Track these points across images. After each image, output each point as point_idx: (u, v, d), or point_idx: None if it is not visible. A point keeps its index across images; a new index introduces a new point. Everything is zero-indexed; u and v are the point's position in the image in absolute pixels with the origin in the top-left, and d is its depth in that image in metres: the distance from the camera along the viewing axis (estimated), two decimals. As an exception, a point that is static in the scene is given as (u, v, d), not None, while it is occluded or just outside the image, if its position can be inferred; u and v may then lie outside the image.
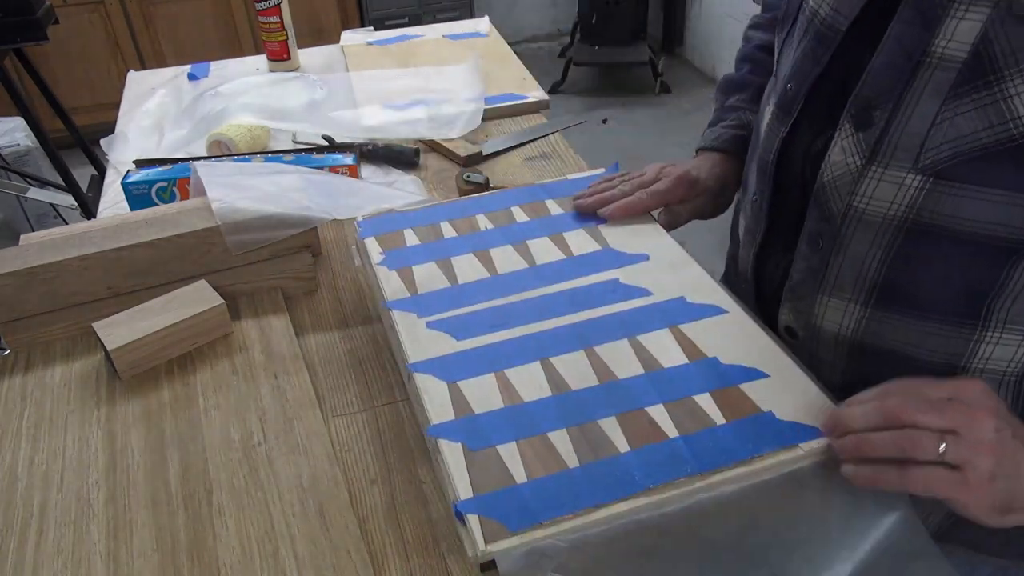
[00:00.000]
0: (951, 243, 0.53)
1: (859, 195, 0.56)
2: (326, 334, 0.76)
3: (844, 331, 0.61)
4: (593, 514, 0.50)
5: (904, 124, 0.52)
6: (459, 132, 1.14)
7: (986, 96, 0.48)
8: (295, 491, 0.59)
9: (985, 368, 0.56)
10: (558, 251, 0.74)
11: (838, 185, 0.57)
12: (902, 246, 0.55)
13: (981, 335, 0.55)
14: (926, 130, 0.51)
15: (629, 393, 0.58)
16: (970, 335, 0.55)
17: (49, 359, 0.73)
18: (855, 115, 0.55)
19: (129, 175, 0.95)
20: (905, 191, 0.53)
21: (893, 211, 0.54)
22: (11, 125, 2.60)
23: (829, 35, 0.58)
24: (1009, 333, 0.55)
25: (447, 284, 0.70)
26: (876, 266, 0.57)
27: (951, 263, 0.54)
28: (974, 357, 0.56)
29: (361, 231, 0.78)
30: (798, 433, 0.55)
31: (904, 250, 0.55)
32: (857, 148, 0.55)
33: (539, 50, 3.99)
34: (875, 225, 0.56)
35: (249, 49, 3.18)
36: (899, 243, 0.55)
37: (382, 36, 1.51)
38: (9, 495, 0.60)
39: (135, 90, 1.37)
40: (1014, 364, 0.56)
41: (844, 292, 0.60)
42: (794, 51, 0.63)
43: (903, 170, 0.53)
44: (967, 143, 0.49)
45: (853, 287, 0.59)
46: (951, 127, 0.50)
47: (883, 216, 0.55)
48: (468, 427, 0.56)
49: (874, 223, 0.56)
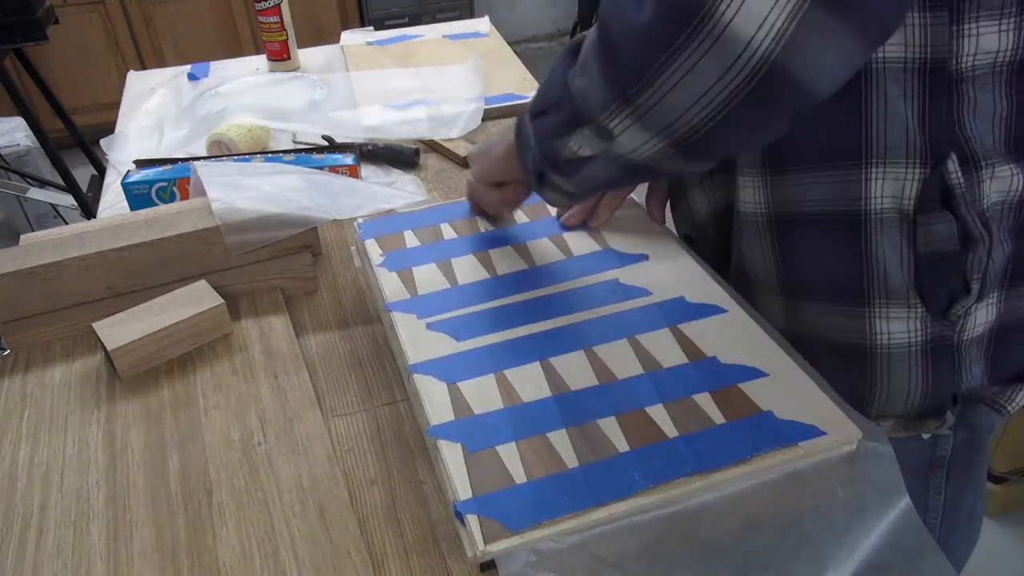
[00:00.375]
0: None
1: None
2: (326, 334, 0.76)
3: (761, 209, 0.66)
4: (593, 514, 0.50)
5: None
6: (459, 132, 1.14)
7: None
8: (295, 491, 0.59)
9: (884, 208, 0.60)
10: (558, 252, 0.74)
11: None
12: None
13: (868, 172, 0.59)
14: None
15: (629, 393, 0.58)
16: (859, 175, 0.60)
17: (49, 359, 0.73)
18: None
19: (129, 175, 0.95)
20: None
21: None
22: (11, 125, 2.60)
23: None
24: (892, 166, 0.59)
25: (447, 285, 0.70)
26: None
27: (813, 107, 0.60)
28: (871, 198, 0.60)
29: (361, 232, 0.78)
30: (798, 432, 0.55)
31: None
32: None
33: (539, 50, 3.99)
34: None
35: (249, 49, 3.18)
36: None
37: (382, 36, 1.51)
38: (9, 495, 0.60)
39: (135, 90, 1.37)
40: (907, 201, 0.59)
41: (747, 166, 0.65)
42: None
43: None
44: None
45: (751, 159, 0.64)
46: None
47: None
48: (468, 427, 0.56)
49: None
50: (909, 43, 0.54)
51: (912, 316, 0.62)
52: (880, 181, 0.59)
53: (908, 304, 0.62)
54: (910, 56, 0.55)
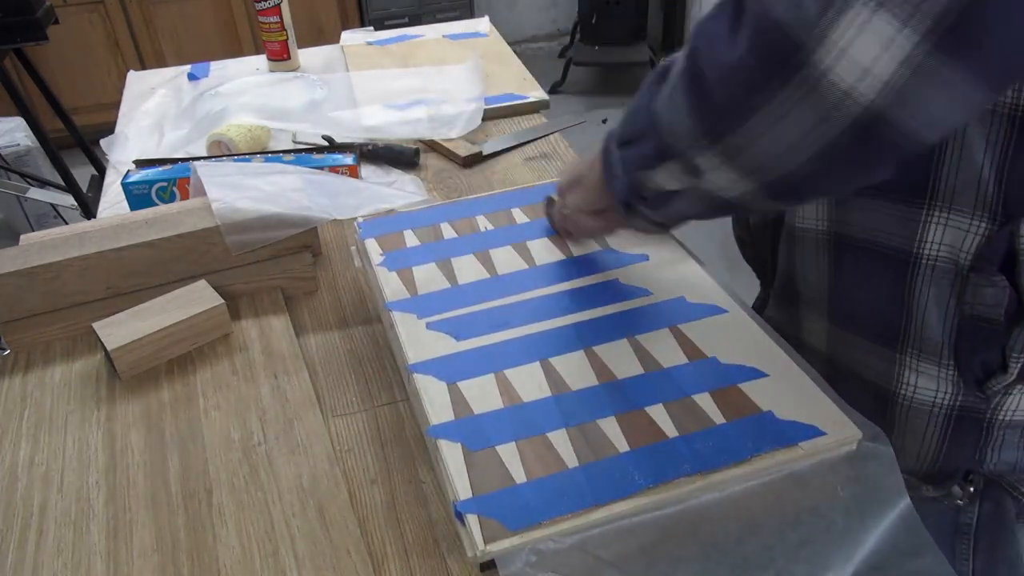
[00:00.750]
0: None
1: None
2: (326, 334, 0.76)
3: (822, 226, 0.63)
4: (593, 514, 0.50)
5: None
6: (459, 132, 1.14)
7: None
8: (295, 491, 0.59)
9: (938, 255, 0.56)
10: (558, 252, 0.74)
11: None
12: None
13: (929, 214, 0.55)
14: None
15: (629, 393, 0.58)
16: (919, 214, 0.56)
17: (49, 359, 0.73)
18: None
19: (129, 175, 0.95)
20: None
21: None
22: (11, 125, 2.60)
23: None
24: (956, 214, 0.54)
25: (447, 285, 0.70)
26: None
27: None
28: (926, 242, 0.56)
29: (361, 232, 0.78)
30: (798, 432, 0.55)
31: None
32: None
33: (539, 50, 3.99)
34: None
35: (249, 49, 3.18)
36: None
37: (382, 36, 1.51)
38: (9, 495, 0.60)
39: (135, 90, 1.37)
40: (964, 254, 0.55)
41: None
42: None
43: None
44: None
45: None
46: None
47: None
48: (468, 427, 0.56)
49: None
50: None
51: (943, 376, 0.59)
52: (940, 227, 0.55)
53: (940, 363, 0.59)
54: (1000, 100, 0.49)
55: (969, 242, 0.54)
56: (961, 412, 0.60)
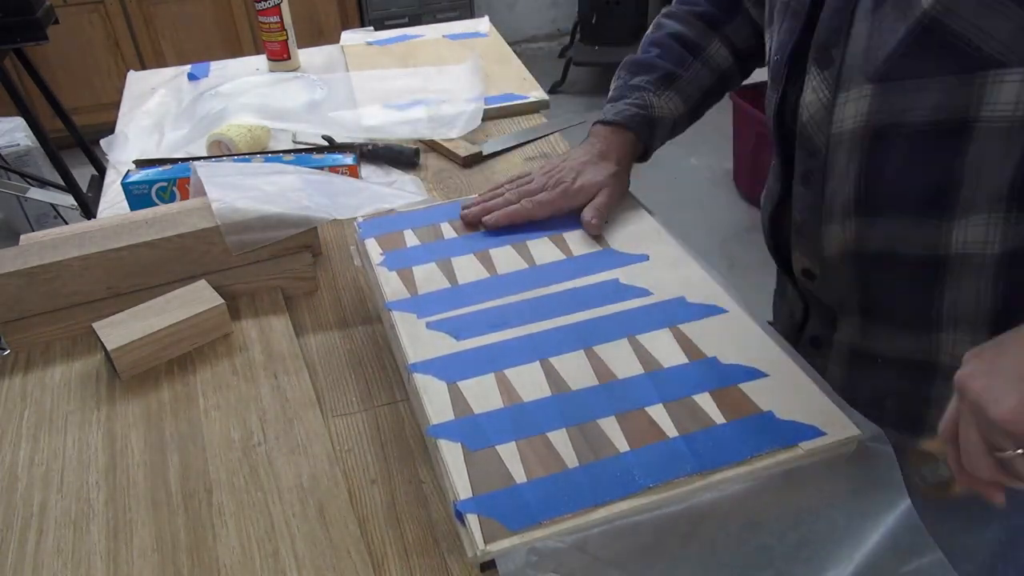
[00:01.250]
0: (905, 138, 0.58)
1: (835, 123, 0.62)
2: (326, 334, 0.76)
3: (847, 248, 0.66)
4: (593, 514, 0.50)
5: (852, 49, 0.59)
6: (459, 132, 1.14)
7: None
8: (295, 491, 0.59)
9: (963, 253, 0.59)
10: (558, 252, 0.74)
11: (816, 120, 0.64)
12: (869, 153, 0.61)
13: (952, 222, 0.59)
14: (865, 45, 0.58)
15: (629, 393, 0.58)
16: (941, 223, 0.59)
17: (49, 359, 0.73)
18: (817, 58, 0.62)
19: (129, 175, 0.95)
20: (862, 102, 0.60)
21: (857, 123, 0.60)
22: (11, 125, 2.60)
23: (799, 9, 0.65)
24: (977, 216, 0.58)
25: (447, 284, 0.70)
26: (854, 180, 0.62)
27: (911, 157, 0.59)
28: (951, 244, 0.60)
29: (361, 232, 0.78)
30: (798, 433, 0.55)
31: (870, 155, 0.61)
32: (825, 84, 0.62)
33: (539, 50, 3.99)
34: (847, 143, 0.62)
35: (249, 49, 3.18)
36: (866, 151, 0.61)
37: (382, 36, 1.51)
38: (9, 495, 0.60)
39: (135, 90, 1.37)
40: (990, 244, 0.59)
41: (836, 215, 0.65)
42: (778, 32, 0.70)
43: (859, 86, 0.60)
44: (893, 41, 0.56)
45: (843, 206, 0.64)
46: (881, 34, 0.57)
47: (851, 131, 0.61)
48: (468, 427, 0.56)
49: (846, 141, 0.62)
50: (1021, 100, 0.52)
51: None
52: (964, 228, 0.59)
53: (975, 334, 0.62)
54: (1019, 115, 0.53)
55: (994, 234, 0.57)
56: None
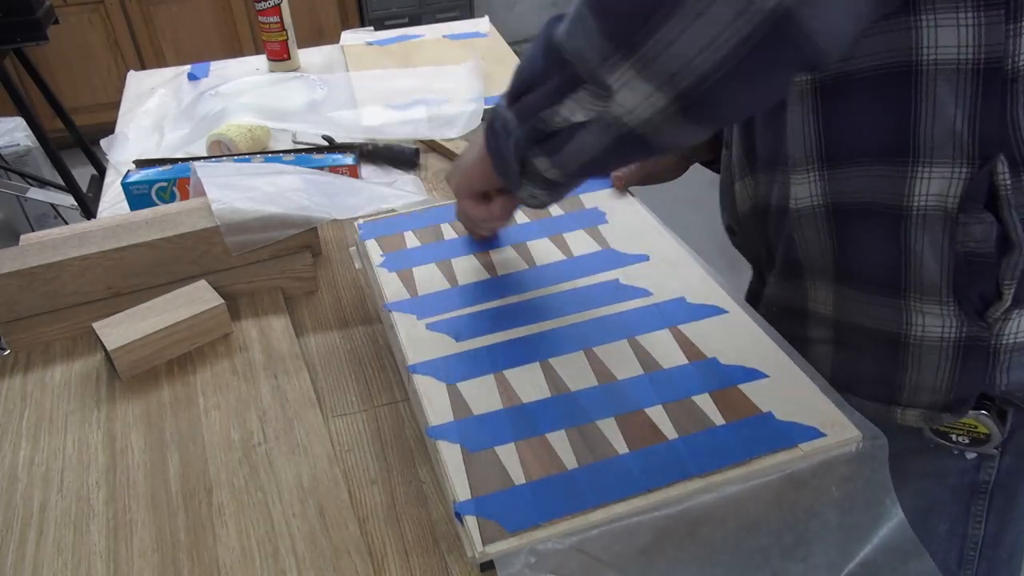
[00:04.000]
0: (858, 86, 0.59)
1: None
2: (326, 334, 0.76)
3: (815, 201, 0.66)
4: (592, 515, 0.50)
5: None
6: (459, 132, 1.14)
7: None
8: (295, 491, 0.59)
9: (928, 205, 0.60)
10: (558, 252, 0.74)
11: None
12: (823, 104, 0.62)
13: (914, 171, 0.60)
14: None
15: (628, 394, 0.58)
16: (905, 171, 0.60)
17: (49, 359, 0.73)
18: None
19: (129, 175, 0.95)
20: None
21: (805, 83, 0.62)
22: (11, 125, 2.60)
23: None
24: (938, 166, 0.59)
25: (447, 285, 0.70)
26: (813, 129, 0.64)
27: (866, 107, 0.60)
28: (915, 195, 0.60)
29: (361, 233, 0.78)
30: (797, 433, 0.55)
31: (827, 107, 0.62)
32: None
33: (539, 50, 3.99)
34: (800, 92, 0.63)
35: (249, 49, 3.18)
36: (820, 102, 0.62)
37: (382, 36, 1.51)
38: (9, 495, 0.60)
39: (135, 90, 1.37)
40: (951, 199, 0.60)
41: (800, 164, 0.66)
42: None
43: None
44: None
45: (804, 157, 0.65)
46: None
47: (803, 82, 0.62)
48: (467, 428, 0.56)
49: (798, 91, 0.63)
50: (962, 44, 0.54)
51: (946, 313, 0.62)
52: (926, 180, 0.59)
53: (942, 301, 0.62)
54: (963, 57, 0.54)
55: (954, 187, 0.58)
56: (968, 342, 0.63)
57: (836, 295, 0.69)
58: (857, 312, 0.68)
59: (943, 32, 0.54)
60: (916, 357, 0.65)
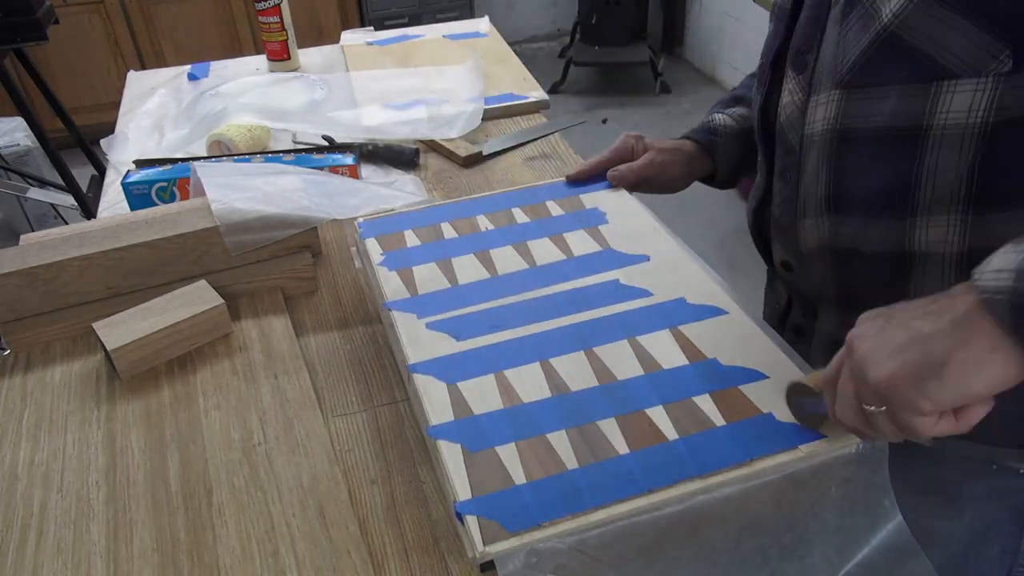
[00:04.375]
0: (867, 142, 0.60)
1: (808, 124, 0.65)
2: (326, 334, 0.76)
3: (823, 244, 0.67)
4: (592, 515, 0.50)
5: (824, 56, 0.62)
6: (459, 132, 1.14)
7: (861, 9, 0.57)
8: (295, 491, 0.59)
9: (927, 251, 0.60)
10: (558, 252, 0.74)
11: (791, 122, 0.67)
12: (836, 154, 0.63)
13: (913, 222, 0.60)
14: (832, 52, 0.61)
15: (628, 394, 0.58)
16: (903, 224, 0.60)
17: (49, 359, 0.73)
18: (793, 63, 0.66)
19: (129, 175, 0.95)
20: (831, 106, 0.62)
21: (826, 126, 0.63)
22: (11, 125, 2.59)
23: (782, 15, 0.68)
24: (937, 216, 0.59)
25: (447, 285, 0.70)
26: (824, 179, 0.64)
27: (872, 160, 0.61)
28: (914, 243, 0.60)
29: (362, 232, 0.78)
30: (797, 435, 0.55)
31: (838, 157, 0.63)
32: (799, 87, 0.65)
33: (539, 50, 3.99)
34: (817, 143, 0.64)
35: (249, 49, 3.17)
36: (834, 152, 0.63)
37: (382, 36, 1.51)
38: (9, 495, 0.60)
39: (135, 90, 1.37)
40: (951, 243, 0.59)
41: (811, 211, 0.66)
42: (768, 36, 0.72)
43: (828, 91, 0.62)
44: (856, 51, 0.58)
45: (815, 203, 0.66)
46: (846, 43, 0.59)
47: (821, 133, 0.63)
48: (467, 428, 0.56)
49: (817, 142, 0.64)
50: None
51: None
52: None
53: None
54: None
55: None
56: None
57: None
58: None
59: (959, 97, 0.53)
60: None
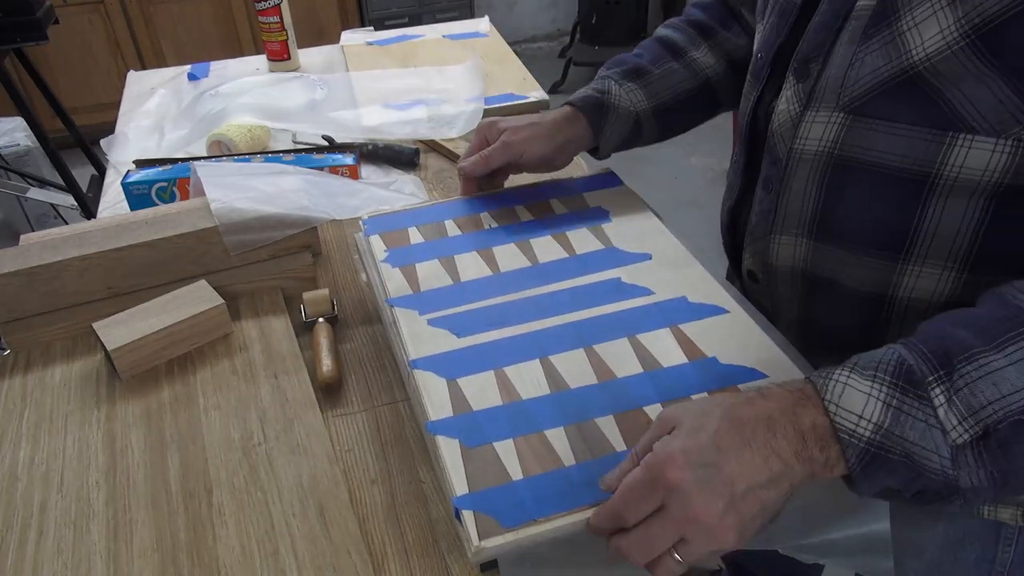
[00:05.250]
0: (869, 175, 0.57)
1: (799, 138, 0.61)
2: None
3: (796, 265, 0.66)
4: (588, 512, 0.50)
5: (831, 71, 0.58)
6: (459, 132, 1.14)
7: (887, 35, 0.53)
8: (295, 491, 0.59)
9: (911, 297, 0.59)
10: (561, 250, 0.74)
11: (783, 131, 0.63)
12: (831, 179, 0.60)
13: (903, 267, 0.58)
14: (844, 72, 0.57)
15: (627, 392, 0.58)
16: (893, 267, 0.59)
17: (49, 359, 0.73)
18: (796, 69, 0.62)
19: (129, 175, 0.95)
20: (831, 128, 0.59)
21: (823, 147, 0.60)
22: (11, 125, 2.59)
23: (788, 8, 0.64)
24: (930, 267, 0.57)
25: (450, 282, 0.70)
26: (812, 201, 0.62)
27: (872, 195, 0.58)
28: (900, 288, 0.59)
29: (366, 228, 0.78)
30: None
31: (833, 183, 0.60)
32: (797, 97, 0.61)
33: (539, 50, 3.99)
34: (810, 162, 0.61)
35: (249, 49, 3.17)
36: (828, 177, 0.60)
37: (382, 36, 1.51)
38: (9, 495, 0.60)
39: (135, 90, 1.37)
40: (937, 295, 0.58)
41: (791, 229, 0.65)
42: (764, 27, 0.69)
43: (830, 110, 0.59)
44: (873, 79, 0.55)
45: (797, 223, 0.64)
46: (862, 67, 0.55)
47: (815, 153, 0.60)
48: (466, 424, 0.56)
49: (809, 160, 0.61)
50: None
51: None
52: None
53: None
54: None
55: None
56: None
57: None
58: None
59: (975, 154, 0.52)
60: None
